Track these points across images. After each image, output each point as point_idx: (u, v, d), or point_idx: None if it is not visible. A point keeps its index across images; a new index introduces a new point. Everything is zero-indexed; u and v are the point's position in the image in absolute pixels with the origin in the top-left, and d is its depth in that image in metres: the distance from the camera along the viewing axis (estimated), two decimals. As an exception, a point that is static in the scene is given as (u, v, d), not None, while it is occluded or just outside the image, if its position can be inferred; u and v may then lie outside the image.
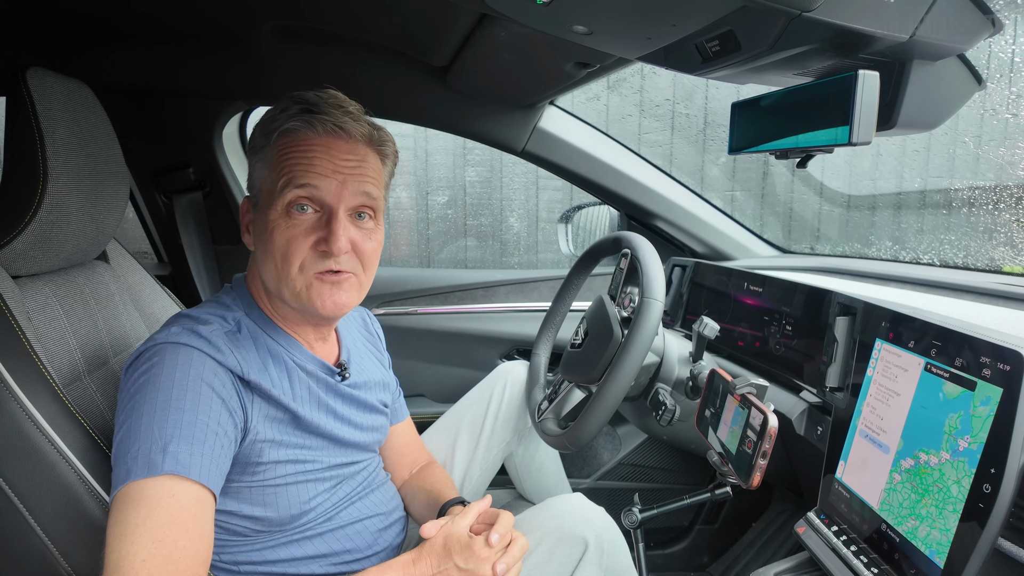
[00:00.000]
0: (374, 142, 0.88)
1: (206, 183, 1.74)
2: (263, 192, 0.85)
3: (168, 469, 0.70)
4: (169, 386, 0.75)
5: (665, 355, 1.26)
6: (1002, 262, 1.94)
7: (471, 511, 0.89)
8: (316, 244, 0.83)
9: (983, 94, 1.03)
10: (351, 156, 0.85)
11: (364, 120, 0.88)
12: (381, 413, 1.04)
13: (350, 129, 0.85)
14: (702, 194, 1.79)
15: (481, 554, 0.82)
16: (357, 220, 0.87)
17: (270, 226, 0.83)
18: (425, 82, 1.53)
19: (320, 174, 0.82)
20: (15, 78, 0.84)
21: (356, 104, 0.89)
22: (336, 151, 0.84)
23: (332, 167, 0.83)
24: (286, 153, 0.84)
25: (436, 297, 1.90)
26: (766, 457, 0.90)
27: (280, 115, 0.85)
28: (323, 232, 0.83)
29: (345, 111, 0.86)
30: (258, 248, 0.87)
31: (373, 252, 0.89)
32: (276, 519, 0.85)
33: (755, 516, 1.73)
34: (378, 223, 0.90)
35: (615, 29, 0.86)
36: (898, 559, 0.81)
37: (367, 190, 0.86)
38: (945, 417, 0.78)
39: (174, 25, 1.30)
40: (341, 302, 0.86)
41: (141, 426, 0.72)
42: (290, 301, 0.86)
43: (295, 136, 0.84)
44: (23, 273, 0.88)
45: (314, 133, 0.84)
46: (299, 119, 0.84)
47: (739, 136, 1.00)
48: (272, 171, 0.84)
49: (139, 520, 0.69)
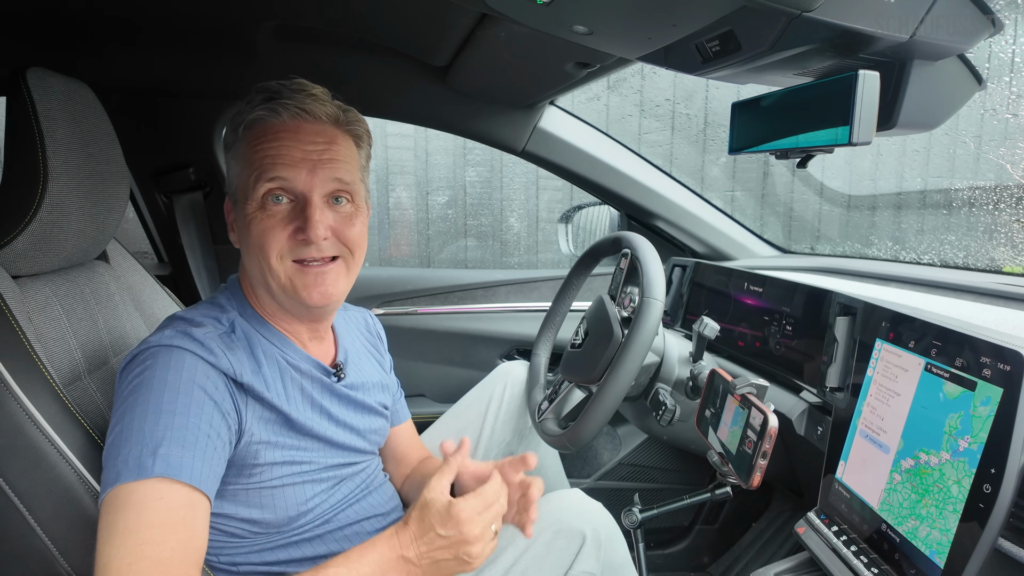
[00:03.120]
0: (342, 123, 0.87)
1: (206, 183, 1.74)
2: (239, 188, 0.85)
3: (158, 472, 0.70)
4: (161, 389, 0.74)
5: (665, 355, 1.26)
6: (1002, 262, 1.94)
7: (445, 473, 0.82)
8: (294, 233, 0.83)
9: (983, 94, 1.03)
10: (319, 138, 0.84)
11: (330, 102, 0.86)
12: (380, 415, 1.03)
13: (315, 111, 0.83)
14: (702, 194, 1.79)
15: (461, 516, 0.77)
16: (335, 205, 0.85)
17: (247, 220, 0.83)
18: (425, 82, 1.53)
19: (288, 164, 0.81)
20: (16, 78, 0.84)
21: (321, 88, 0.87)
22: (303, 134, 0.83)
23: (300, 154, 0.82)
24: (254, 146, 0.83)
25: (436, 297, 1.90)
26: (766, 457, 0.91)
27: (245, 108, 0.84)
28: (299, 221, 0.82)
29: (308, 94, 0.84)
30: (243, 245, 0.87)
31: (359, 235, 0.88)
32: (274, 521, 0.84)
33: (755, 516, 1.73)
34: (358, 206, 0.88)
35: (615, 29, 0.86)
36: (898, 559, 0.80)
37: (339, 176, 0.84)
38: (945, 417, 0.78)
39: (175, 25, 1.30)
40: (328, 291, 0.85)
41: (132, 429, 0.72)
42: (277, 295, 0.86)
43: (261, 126, 0.83)
44: (23, 273, 0.88)
45: (279, 120, 0.82)
46: (263, 108, 0.82)
47: (739, 136, 1.00)
48: (244, 166, 0.84)
49: (127, 523, 0.68)
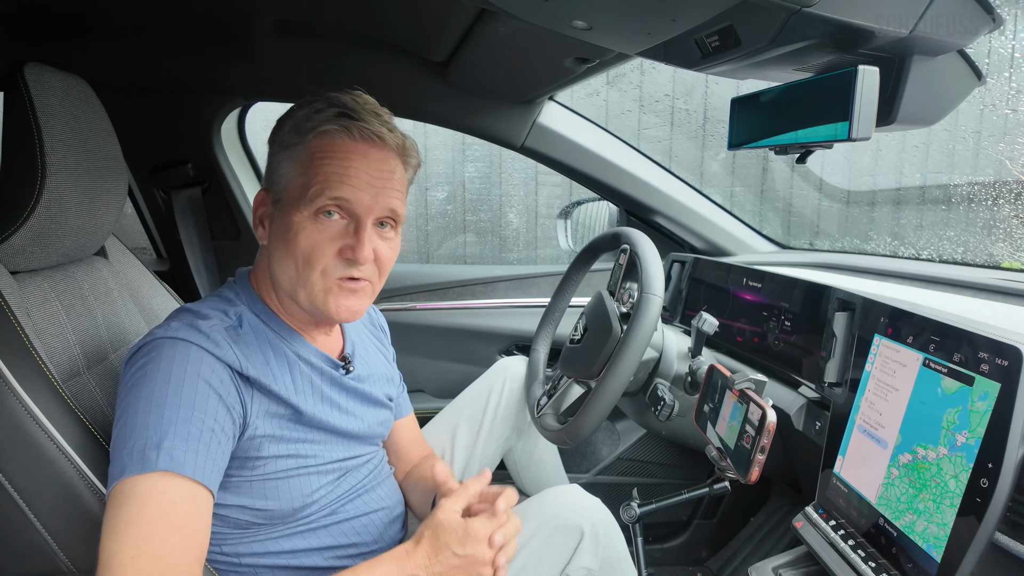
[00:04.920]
0: (403, 153, 0.88)
1: (205, 179, 1.74)
2: (289, 191, 0.84)
3: (162, 466, 0.70)
4: (165, 382, 0.74)
5: (664, 351, 1.26)
6: (1001, 258, 1.94)
7: (462, 495, 0.85)
8: (341, 251, 0.83)
9: (983, 90, 1.03)
10: (384, 167, 0.85)
11: (397, 129, 0.88)
12: (386, 407, 1.04)
13: (386, 138, 0.85)
14: (702, 190, 1.79)
15: (478, 536, 0.80)
16: (379, 229, 0.87)
17: (295, 228, 0.83)
18: (424, 77, 1.53)
19: (355, 186, 0.82)
20: (13, 73, 0.84)
21: (387, 110, 0.89)
22: (372, 160, 0.84)
23: (367, 179, 0.83)
24: (322, 158, 0.83)
25: (435, 293, 1.90)
26: (764, 452, 0.91)
27: (315, 116, 0.84)
28: (350, 240, 0.83)
29: (381, 120, 0.86)
30: (276, 246, 0.86)
31: (389, 260, 0.90)
32: (278, 511, 0.85)
33: (753, 511, 1.73)
34: (397, 233, 0.91)
35: (615, 24, 0.86)
36: (895, 553, 0.81)
37: (394, 206, 0.86)
38: (943, 412, 0.79)
39: (173, 20, 1.29)
40: (355, 309, 0.87)
41: (136, 422, 0.72)
42: (303, 303, 0.86)
43: (332, 141, 0.83)
44: (22, 269, 0.88)
45: (351, 139, 0.83)
46: (337, 123, 0.83)
47: (739, 132, 0.99)
48: (304, 173, 0.83)
49: (130, 517, 0.69)
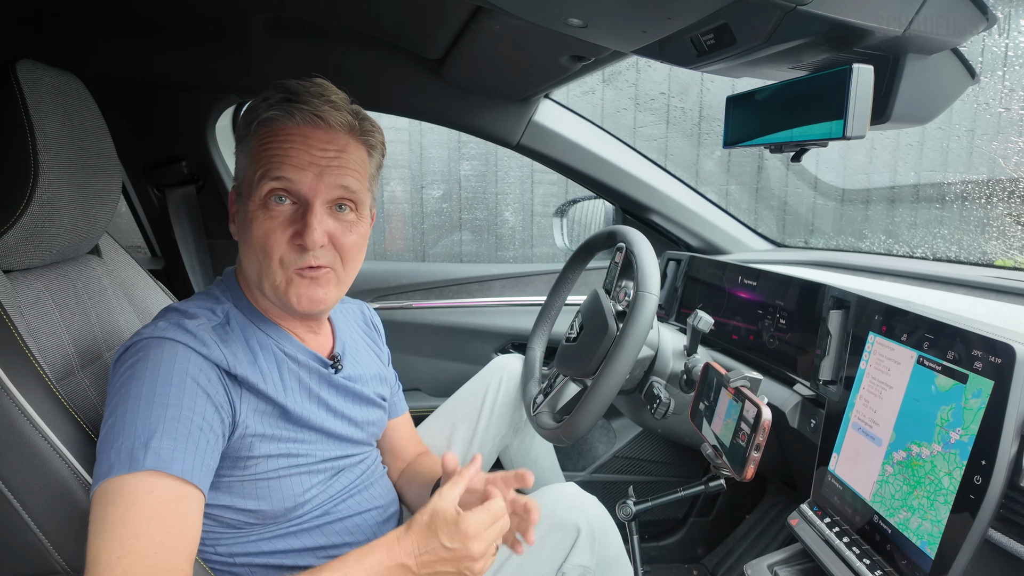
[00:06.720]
0: (356, 132, 0.87)
1: (199, 177, 1.73)
2: (245, 183, 0.85)
3: (149, 465, 0.70)
4: (153, 381, 0.74)
5: (660, 349, 1.27)
6: (994, 256, 1.95)
7: (457, 484, 0.82)
8: (292, 238, 0.82)
9: (976, 88, 1.03)
10: (329, 146, 0.83)
11: (346, 109, 0.86)
12: (378, 407, 1.04)
13: (329, 118, 0.83)
14: (697, 188, 1.79)
15: (469, 531, 0.77)
16: (337, 212, 0.85)
17: (249, 217, 0.83)
18: (419, 75, 1.53)
19: (296, 166, 0.81)
20: (5, 70, 0.83)
21: (341, 93, 0.87)
22: (314, 141, 0.83)
23: (309, 158, 0.82)
24: (264, 144, 0.83)
25: (431, 291, 1.90)
26: (760, 450, 0.91)
27: (261, 104, 0.84)
28: (299, 225, 0.82)
29: (326, 100, 0.84)
30: (241, 240, 0.87)
31: (353, 245, 0.87)
32: (270, 512, 0.84)
33: (749, 508, 1.74)
34: (360, 216, 0.88)
35: (610, 22, 0.86)
36: (890, 550, 0.81)
37: (345, 183, 0.84)
38: (937, 409, 0.79)
39: (166, 17, 1.29)
40: (317, 298, 0.85)
41: (124, 421, 0.72)
42: (270, 296, 0.86)
43: (273, 126, 0.83)
44: (15, 267, 0.87)
45: (292, 122, 0.82)
46: (278, 108, 0.82)
47: (734, 130, 1.00)
48: (252, 162, 0.84)
49: (117, 516, 0.68)
